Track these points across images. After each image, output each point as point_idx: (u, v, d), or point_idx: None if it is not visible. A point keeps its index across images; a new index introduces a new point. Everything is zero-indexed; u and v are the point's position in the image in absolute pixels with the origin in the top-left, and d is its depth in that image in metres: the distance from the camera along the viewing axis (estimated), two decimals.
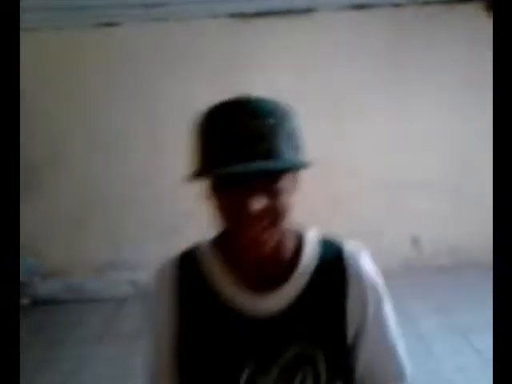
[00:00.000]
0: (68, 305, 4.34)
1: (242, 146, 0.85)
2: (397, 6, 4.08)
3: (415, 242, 4.52)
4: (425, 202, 4.42)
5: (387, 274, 4.49)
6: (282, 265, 1.01)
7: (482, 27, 4.17)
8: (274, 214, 0.90)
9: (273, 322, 0.97)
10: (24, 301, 4.29)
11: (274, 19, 4.04)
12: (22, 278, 4.20)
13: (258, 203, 0.87)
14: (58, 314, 4.21)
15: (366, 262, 1.04)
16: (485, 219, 4.46)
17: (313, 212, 3.72)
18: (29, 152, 4.08)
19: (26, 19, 2.94)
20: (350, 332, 0.99)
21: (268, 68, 4.14)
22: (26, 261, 4.26)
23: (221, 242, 1.07)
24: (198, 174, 0.93)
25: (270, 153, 0.86)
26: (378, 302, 1.02)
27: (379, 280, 1.04)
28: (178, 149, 4.55)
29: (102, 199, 4.30)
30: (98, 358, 3.54)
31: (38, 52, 3.97)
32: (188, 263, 1.07)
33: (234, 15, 4.02)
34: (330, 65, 4.16)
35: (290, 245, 1.03)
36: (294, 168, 0.94)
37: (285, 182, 0.91)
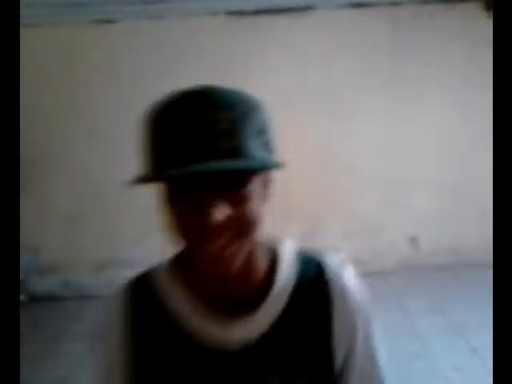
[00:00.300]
0: (65, 301, 4.34)
1: (200, 143, 0.70)
2: (396, 4, 4.08)
3: (413, 240, 4.52)
4: (423, 201, 4.42)
5: (385, 273, 4.54)
6: (254, 286, 0.85)
7: (481, 26, 4.18)
8: (241, 226, 0.74)
9: (246, 354, 0.82)
10: (21, 297, 4.29)
11: (273, 17, 4.03)
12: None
13: (221, 212, 0.71)
14: (56, 311, 4.21)
15: (351, 279, 0.90)
16: (483, 218, 4.48)
17: (311, 210, 3.74)
18: (27, 149, 4.07)
19: (23, 15, 2.94)
20: (338, 359, 0.85)
21: (267, 66, 4.14)
22: (24, 257, 4.25)
23: (180, 263, 0.92)
24: (146, 177, 0.75)
25: (234, 151, 0.70)
26: (368, 325, 0.89)
27: (366, 298, 0.90)
28: None
29: (100, 196, 4.30)
30: (93, 354, 3.53)
31: (35, 48, 3.95)
32: (142, 289, 0.91)
33: (232, 13, 4.01)
34: (329, 63, 4.16)
35: (261, 261, 0.87)
36: (263, 168, 0.78)
37: (253, 186, 0.75)
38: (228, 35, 4.08)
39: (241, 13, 4.01)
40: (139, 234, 4.38)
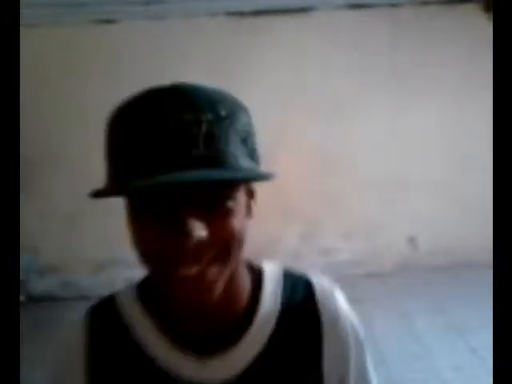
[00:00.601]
0: (64, 302, 4.34)
1: (173, 149, 0.58)
2: (396, 5, 4.08)
3: (412, 241, 4.53)
4: (422, 202, 4.43)
5: (384, 273, 4.53)
6: (235, 314, 0.74)
7: (481, 27, 4.18)
8: (222, 246, 0.63)
9: None
10: (21, 297, 4.29)
11: (272, 18, 4.04)
12: None
13: (198, 231, 0.60)
14: (55, 311, 4.20)
15: (342, 304, 0.80)
16: (481, 218, 4.48)
17: (311, 210, 3.74)
18: (26, 149, 4.06)
19: (23, 15, 2.93)
20: None
21: (267, 66, 4.14)
22: (24, 258, 4.25)
23: (148, 290, 0.82)
24: (105, 190, 0.64)
25: (213, 159, 0.59)
26: (362, 348, 0.80)
27: (358, 324, 0.80)
28: None
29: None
30: None
31: (35, 48, 3.95)
32: (106, 320, 0.79)
33: (232, 13, 4.02)
34: (328, 64, 4.16)
35: (244, 286, 0.76)
36: (248, 180, 0.67)
37: (236, 200, 0.64)
38: (228, 36, 4.09)
39: (240, 13, 4.02)
40: None
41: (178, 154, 0.58)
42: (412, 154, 4.27)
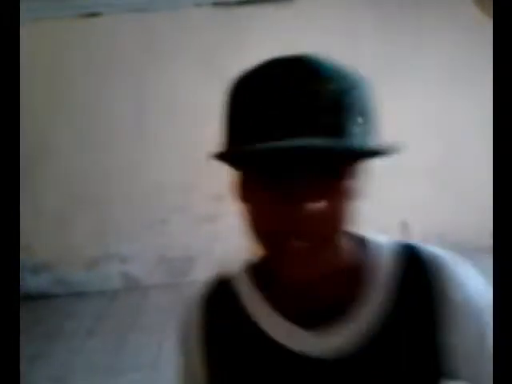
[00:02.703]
0: (58, 298, 4.33)
1: (297, 115, 0.57)
2: None
3: (404, 227, 4.55)
4: (414, 188, 4.44)
5: None
6: (346, 287, 0.73)
7: (469, 13, 4.19)
8: (334, 221, 0.63)
9: (344, 362, 0.70)
10: None
11: (258, 7, 4.01)
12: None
13: (315, 204, 0.59)
14: (49, 308, 4.19)
15: (473, 280, 0.76)
16: (474, 205, 4.51)
17: None
18: None
19: None
20: (453, 370, 0.70)
21: (253, 56, 4.10)
22: None
23: (258, 266, 0.80)
24: (230, 153, 0.64)
25: (337, 129, 0.58)
26: (480, 322, 0.72)
27: (489, 299, 0.70)
28: (165, 141, 4.54)
29: (91, 193, 4.28)
30: (89, 351, 3.53)
31: (21, 43, 3.91)
32: (222, 297, 0.82)
33: (217, 4, 3.99)
34: (316, 51, 4.15)
35: (351, 259, 0.74)
36: (370, 154, 0.63)
37: (353, 176, 0.64)
38: (213, 27, 4.06)
39: (225, 4, 3.99)
40: (131, 230, 4.37)
41: (305, 120, 0.57)
42: (403, 140, 4.28)
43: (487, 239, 5.12)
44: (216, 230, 4.38)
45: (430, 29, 4.20)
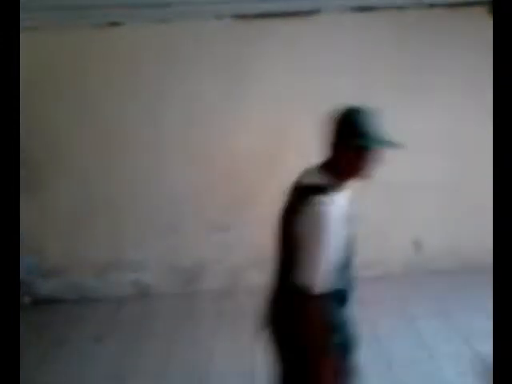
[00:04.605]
0: (68, 304, 4.35)
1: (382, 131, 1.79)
2: (401, 8, 4.07)
3: (417, 244, 4.51)
4: (427, 205, 4.41)
5: (389, 277, 4.50)
6: None
7: (486, 30, 4.17)
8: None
9: None
10: (24, 300, 4.30)
11: (277, 21, 4.03)
12: (22, 277, 4.20)
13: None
14: (59, 313, 4.21)
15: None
16: (487, 222, 4.46)
17: None
18: (29, 152, 4.08)
19: (25, 18, 2.94)
20: None
21: (271, 69, 4.14)
22: (27, 259, 4.26)
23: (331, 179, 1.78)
24: (373, 144, 1.74)
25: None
26: None
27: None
28: (179, 148, 4.57)
29: (102, 198, 4.30)
30: (98, 357, 3.54)
31: (38, 51, 3.97)
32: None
33: (237, 16, 4.02)
34: (332, 67, 4.16)
35: None
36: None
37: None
38: (232, 39, 4.08)
39: (245, 17, 4.02)
40: (142, 236, 4.38)
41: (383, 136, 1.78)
42: (416, 156, 4.25)
43: None
44: (227, 240, 4.38)
45: (448, 44, 4.19)
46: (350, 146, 1.73)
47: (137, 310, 4.21)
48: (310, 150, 4.12)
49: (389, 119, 4.29)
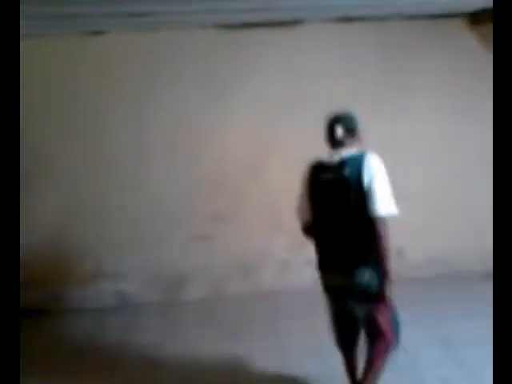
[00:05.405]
0: (51, 315, 4.28)
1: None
2: (384, 19, 4.13)
3: (400, 253, 4.53)
4: (409, 213, 4.44)
5: None
6: None
7: (467, 40, 4.25)
8: None
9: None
10: None
11: (260, 31, 4.06)
12: None
13: None
14: (43, 324, 4.15)
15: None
16: (470, 230, 4.51)
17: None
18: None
19: None
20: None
21: (254, 79, 4.16)
22: None
23: None
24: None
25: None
26: None
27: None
28: (164, 158, 4.55)
29: (86, 210, 4.27)
30: (80, 370, 3.49)
31: (25, 59, 3.93)
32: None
33: (221, 26, 4.04)
34: (316, 76, 4.19)
35: None
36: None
37: None
38: (216, 48, 4.11)
39: (230, 26, 4.04)
40: (126, 247, 4.35)
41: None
42: (400, 166, 4.29)
43: (486, 265, 5.16)
44: (210, 249, 4.37)
45: (430, 54, 4.26)
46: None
47: (120, 320, 4.16)
48: (294, 157, 4.16)
49: (371, 127, 4.33)
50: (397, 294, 2.78)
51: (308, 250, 3.18)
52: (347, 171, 2.46)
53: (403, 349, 3.42)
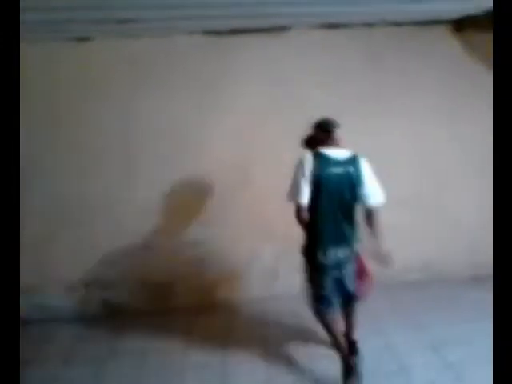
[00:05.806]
0: (38, 324, 4.23)
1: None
2: (370, 25, 4.16)
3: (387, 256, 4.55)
4: (397, 217, 4.46)
5: None
6: None
7: (451, 47, 4.30)
8: None
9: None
10: None
11: (248, 37, 4.07)
12: None
13: None
14: (28, 333, 4.09)
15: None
16: (457, 234, 4.55)
17: (287, 229, 3.73)
18: None
19: None
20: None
21: (241, 85, 4.16)
22: None
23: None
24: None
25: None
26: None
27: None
28: (151, 164, 4.52)
29: (72, 218, 4.23)
30: (66, 379, 3.45)
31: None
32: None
33: (208, 32, 4.04)
34: (303, 83, 4.21)
35: None
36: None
37: None
38: (203, 54, 4.10)
39: (217, 32, 4.04)
40: (112, 255, 4.31)
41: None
42: (387, 170, 4.31)
43: (473, 269, 5.20)
44: (199, 256, 4.35)
45: (414, 60, 4.30)
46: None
47: (106, 330, 4.12)
48: (283, 163, 4.16)
49: (356, 131, 4.34)
50: (385, 297, 2.79)
51: (296, 257, 3.19)
52: (351, 168, 3.01)
53: (391, 352, 3.44)
